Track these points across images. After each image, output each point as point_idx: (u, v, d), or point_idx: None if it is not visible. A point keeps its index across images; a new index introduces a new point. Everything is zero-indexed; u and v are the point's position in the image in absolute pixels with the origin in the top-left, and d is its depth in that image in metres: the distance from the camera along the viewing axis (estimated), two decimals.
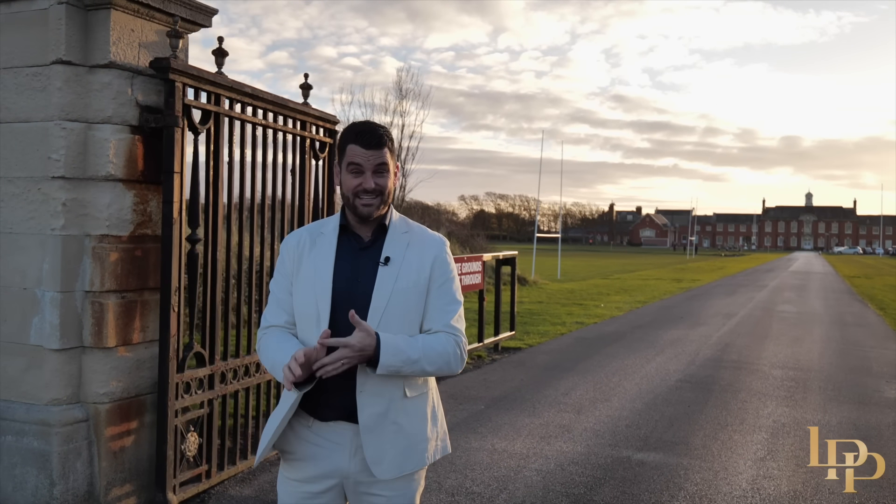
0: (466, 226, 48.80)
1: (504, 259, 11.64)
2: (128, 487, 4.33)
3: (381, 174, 2.38)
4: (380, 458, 2.35)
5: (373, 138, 2.36)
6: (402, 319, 2.37)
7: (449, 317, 2.42)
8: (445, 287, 2.44)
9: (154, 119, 4.32)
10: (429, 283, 2.41)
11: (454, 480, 5.14)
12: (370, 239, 2.44)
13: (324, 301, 2.36)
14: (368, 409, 2.34)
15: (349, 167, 2.38)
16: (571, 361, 10.12)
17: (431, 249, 2.46)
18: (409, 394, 2.40)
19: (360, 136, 2.37)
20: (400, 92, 34.02)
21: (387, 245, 2.42)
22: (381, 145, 2.38)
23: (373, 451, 2.35)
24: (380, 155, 2.37)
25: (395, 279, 2.37)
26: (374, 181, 2.36)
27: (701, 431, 6.57)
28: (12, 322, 4.22)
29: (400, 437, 2.38)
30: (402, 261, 2.40)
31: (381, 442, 2.35)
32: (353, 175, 2.37)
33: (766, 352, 11.36)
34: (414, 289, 2.39)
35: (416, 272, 2.40)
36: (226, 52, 4.73)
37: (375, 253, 2.42)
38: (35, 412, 4.11)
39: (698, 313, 16.99)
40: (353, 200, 2.38)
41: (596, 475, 5.34)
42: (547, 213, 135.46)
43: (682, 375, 9.18)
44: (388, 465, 2.36)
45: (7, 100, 4.22)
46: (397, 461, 2.38)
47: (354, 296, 2.37)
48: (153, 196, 4.42)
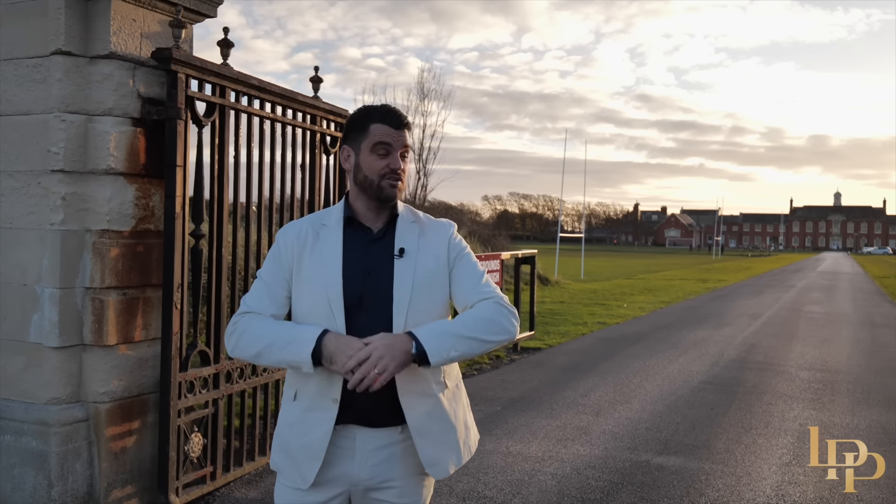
0: (489, 225, 48.61)
1: (523, 258, 11.45)
2: (129, 489, 4.22)
3: (405, 157, 2.28)
4: (436, 459, 2.23)
5: (402, 119, 2.27)
6: (429, 314, 2.22)
7: (479, 287, 2.28)
8: (464, 262, 2.31)
9: (156, 111, 4.21)
10: (448, 265, 2.28)
11: (466, 484, 4.99)
12: (381, 230, 2.28)
13: (336, 300, 2.19)
14: (416, 409, 2.19)
15: (376, 147, 2.22)
16: (592, 362, 9.92)
17: (442, 233, 2.33)
18: (449, 384, 2.28)
19: (387, 116, 2.25)
20: (422, 92, 33.90)
21: (398, 236, 2.27)
22: (407, 126, 2.29)
23: (429, 453, 2.22)
24: (405, 136, 2.27)
25: (414, 271, 2.22)
26: (400, 162, 2.25)
27: (724, 435, 6.36)
28: (12, 319, 4.13)
29: (449, 431, 2.26)
30: (416, 251, 2.26)
31: (434, 441, 2.23)
32: (379, 156, 2.23)
33: (793, 353, 11.08)
34: (434, 278, 2.25)
35: (433, 260, 2.26)
36: (231, 43, 4.61)
37: (388, 245, 2.26)
38: (34, 411, 4.01)
39: (723, 314, 16.68)
40: (380, 182, 2.22)
41: (613, 480, 5.16)
42: (571, 213, 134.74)
43: (706, 377, 8.95)
44: (444, 465, 2.25)
45: (7, 92, 4.13)
46: (454, 456, 2.27)
47: (368, 292, 2.21)
48: (156, 190, 4.31)
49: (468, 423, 2.37)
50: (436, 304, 2.25)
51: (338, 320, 2.18)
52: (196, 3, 4.46)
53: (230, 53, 4.61)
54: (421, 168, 33.25)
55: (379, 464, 2.23)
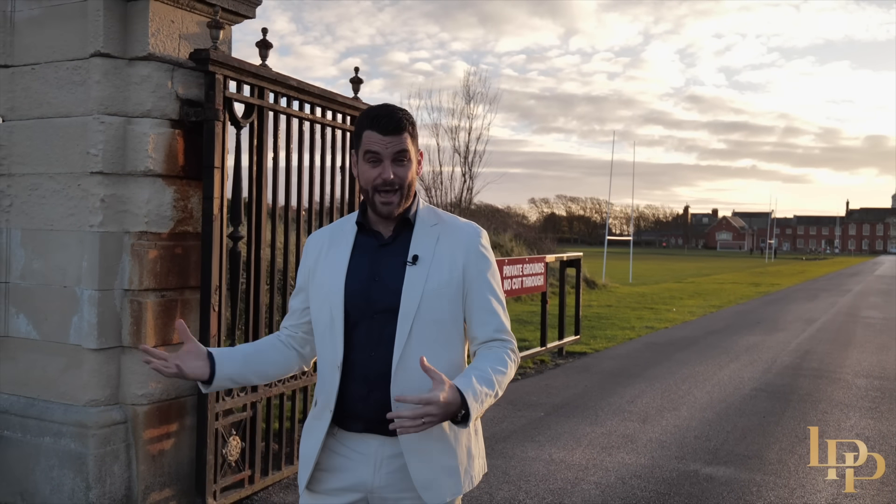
0: (535, 228, 48.31)
1: (568, 261, 11.27)
2: (167, 492, 4.20)
3: (401, 163, 2.12)
4: (429, 483, 2.11)
5: (390, 122, 2.09)
6: (436, 327, 2.12)
7: (497, 320, 2.17)
8: (485, 284, 2.17)
9: (194, 113, 4.20)
10: (464, 279, 2.15)
11: (507, 492, 4.87)
12: (391, 235, 2.19)
13: (337, 307, 2.14)
14: None
15: (366, 156, 2.11)
16: (639, 367, 9.70)
17: (462, 240, 2.18)
18: None
19: (376, 121, 2.10)
20: (468, 95, 33.80)
21: (414, 241, 2.16)
22: (401, 130, 2.10)
23: (421, 475, 2.11)
24: (399, 141, 2.10)
25: (426, 279, 2.11)
26: (394, 171, 2.10)
27: (776, 445, 6.13)
28: (52, 321, 4.15)
29: (446, 456, 2.14)
30: (431, 258, 2.14)
31: (428, 464, 2.11)
32: (370, 165, 2.11)
33: (850, 360, 10.70)
34: (447, 289, 2.12)
35: (447, 270, 2.14)
36: (269, 44, 4.58)
37: (398, 250, 2.16)
38: (73, 413, 4.02)
39: (776, 318, 16.24)
40: (373, 196, 2.12)
41: (660, 490, 4.99)
42: (619, 216, 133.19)
43: (758, 384, 8.67)
44: (438, 490, 2.12)
45: (48, 94, 4.16)
46: (448, 484, 2.14)
47: (372, 300, 2.13)
48: (194, 192, 4.29)
49: (472, 451, 2.22)
50: (445, 316, 2.14)
51: (336, 328, 2.14)
52: (234, 3, 4.44)
53: (269, 54, 4.58)
54: (466, 171, 33.14)
55: (393, 472, 2.15)
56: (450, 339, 2.16)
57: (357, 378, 2.14)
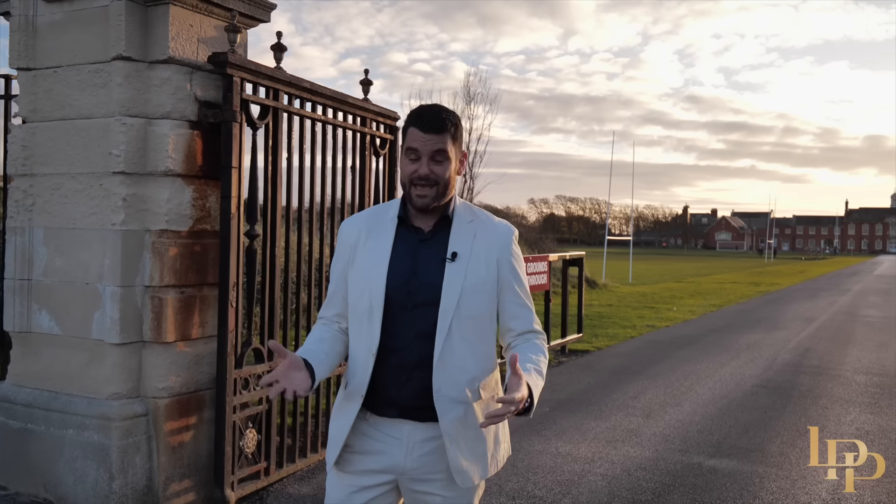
0: (535, 229, 48.32)
1: (571, 260, 11.40)
2: (186, 483, 4.32)
3: (439, 162, 2.23)
4: (463, 467, 2.24)
5: (433, 122, 2.22)
6: (474, 321, 2.25)
7: (530, 314, 2.34)
8: (518, 280, 2.33)
9: (212, 114, 4.32)
10: (498, 276, 2.29)
11: (516, 483, 4.99)
12: (431, 231, 2.30)
13: (377, 298, 2.24)
14: (449, 414, 2.22)
15: (407, 152, 2.25)
16: (641, 365, 9.82)
17: (498, 238, 2.32)
18: (483, 395, 2.29)
19: (419, 119, 2.23)
20: (468, 95, 33.89)
21: (453, 238, 2.28)
22: (442, 130, 2.22)
23: (457, 461, 2.23)
24: (438, 140, 2.21)
25: (465, 276, 2.23)
26: (430, 168, 2.21)
27: (778, 438, 6.25)
28: (75, 317, 4.27)
29: (479, 443, 2.28)
30: (469, 255, 2.26)
31: (464, 451, 2.24)
32: (409, 160, 2.24)
33: (849, 357, 10.83)
34: (483, 285, 2.26)
35: (484, 267, 2.27)
36: (284, 47, 4.71)
37: (437, 246, 2.28)
38: (96, 406, 4.14)
39: (777, 317, 16.36)
40: (409, 189, 2.25)
41: (665, 481, 5.11)
42: (618, 216, 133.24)
43: (759, 380, 8.80)
44: (471, 473, 2.26)
45: (71, 97, 4.28)
46: (477, 469, 2.28)
47: (411, 293, 2.25)
48: (212, 191, 4.41)
49: (499, 437, 2.38)
50: (482, 311, 2.27)
51: (375, 318, 2.24)
52: (251, 8, 4.56)
53: (283, 57, 4.70)
54: (467, 171, 33.26)
55: (424, 455, 2.27)
56: (485, 332, 2.30)
57: (393, 366, 2.26)
